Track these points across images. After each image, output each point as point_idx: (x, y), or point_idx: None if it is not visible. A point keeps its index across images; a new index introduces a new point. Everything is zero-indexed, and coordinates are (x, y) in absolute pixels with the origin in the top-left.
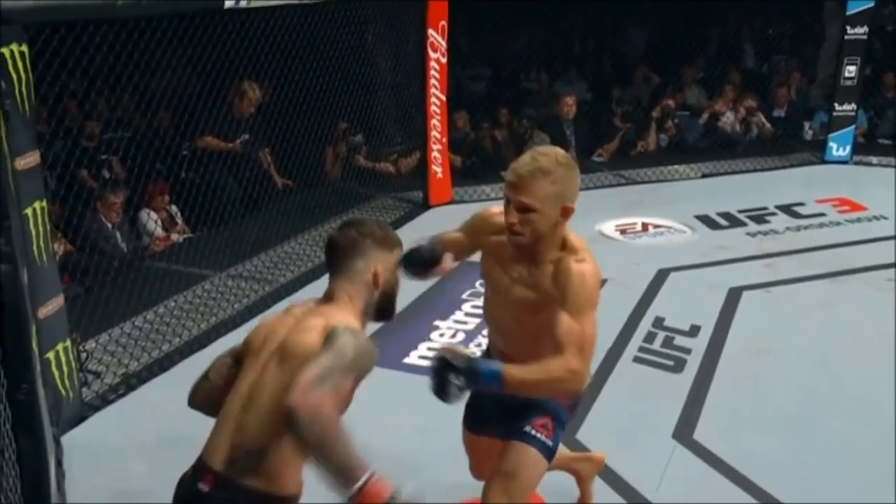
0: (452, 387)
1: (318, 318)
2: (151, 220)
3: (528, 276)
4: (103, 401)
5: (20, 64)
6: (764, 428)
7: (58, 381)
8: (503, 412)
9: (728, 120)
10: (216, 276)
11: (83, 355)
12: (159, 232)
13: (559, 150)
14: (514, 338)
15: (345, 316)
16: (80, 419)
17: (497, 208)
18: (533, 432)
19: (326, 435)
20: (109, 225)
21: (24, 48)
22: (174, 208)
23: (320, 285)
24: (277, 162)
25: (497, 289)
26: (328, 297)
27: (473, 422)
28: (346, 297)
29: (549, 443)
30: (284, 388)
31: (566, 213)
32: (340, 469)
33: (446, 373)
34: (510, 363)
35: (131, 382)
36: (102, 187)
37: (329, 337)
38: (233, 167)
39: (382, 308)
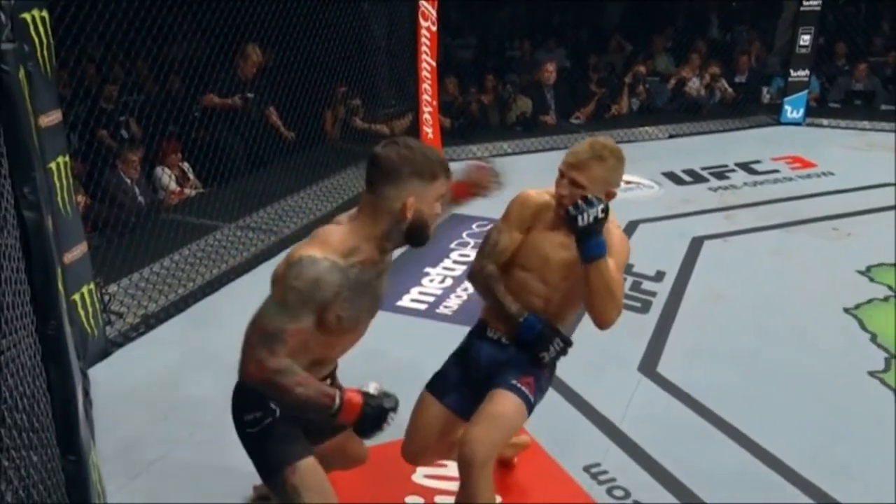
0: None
1: (306, 241)
2: (166, 175)
3: (570, 242)
4: (126, 338)
5: (41, 28)
6: (720, 361)
7: (83, 320)
8: (475, 381)
9: (694, 85)
10: (226, 227)
11: (106, 297)
12: (173, 186)
13: (613, 144)
14: (553, 295)
15: (326, 240)
16: (104, 354)
17: (531, 192)
18: (519, 385)
19: (281, 391)
20: (129, 180)
21: (45, 13)
22: (186, 165)
23: None
24: (284, 118)
25: (542, 255)
26: (357, 210)
27: (438, 387)
28: (368, 217)
29: (532, 399)
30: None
31: (609, 196)
32: (310, 405)
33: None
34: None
35: (150, 322)
36: (121, 146)
37: (280, 275)
38: (239, 126)
39: (412, 236)
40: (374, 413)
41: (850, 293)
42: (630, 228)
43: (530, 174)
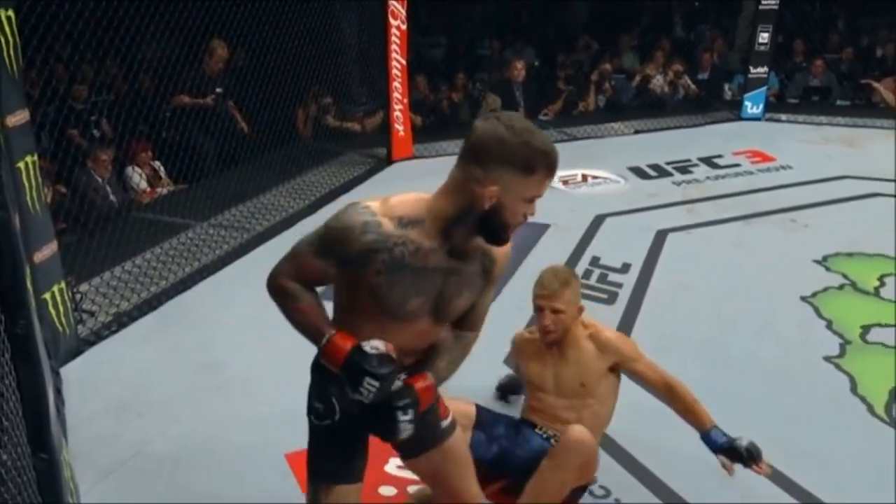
0: None
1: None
2: (136, 174)
3: (566, 359)
4: (98, 336)
5: (7, 28)
6: (683, 350)
7: (55, 318)
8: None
9: (658, 82)
10: (198, 225)
11: (77, 296)
12: (143, 185)
13: (567, 269)
14: (571, 400)
15: (393, 201)
16: (77, 353)
17: (525, 335)
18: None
19: (282, 311)
20: (100, 179)
21: (11, 13)
22: (158, 164)
23: (295, 232)
24: (243, 113)
25: (544, 377)
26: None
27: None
28: (444, 190)
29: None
30: None
31: (580, 310)
32: (303, 332)
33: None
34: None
35: (123, 320)
36: (92, 145)
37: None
38: (209, 126)
39: (489, 230)
40: (351, 366)
41: (807, 282)
42: (597, 222)
43: None
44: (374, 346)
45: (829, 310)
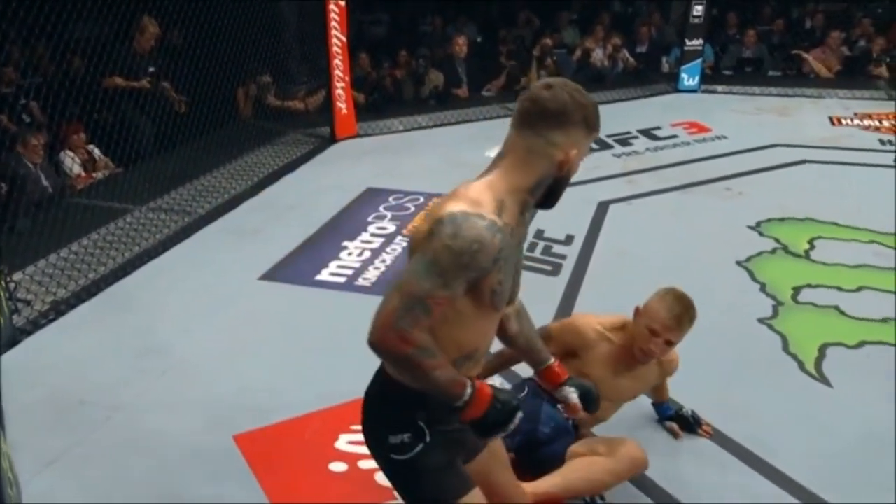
0: None
1: (447, 197)
2: (69, 158)
3: (634, 373)
4: (35, 325)
5: None
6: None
7: None
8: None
9: (598, 56)
10: (137, 210)
11: (11, 285)
12: (77, 170)
13: (691, 300)
14: (606, 403)
15: (474, 196)
16: (13, 343)
17: (597, 328)
18: None
19: (415, 370)
20: (32, 165)
21: None
22: (93, 148)
23: (237, 215)
24: (181, 93)
25: (604, 381)
26: (498, 159)
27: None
28: (518, 163)
29: None
30: None
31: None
32: (437, 390)
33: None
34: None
35: (60, 308)
36: (22, 130)
37: (430, 232)
38: (144, 106)
39: (552, 195)
40: (503, 409)
41: (741, 247)
42: None
43: (444, 146)
44: (500, 382)
45: (762, 273)
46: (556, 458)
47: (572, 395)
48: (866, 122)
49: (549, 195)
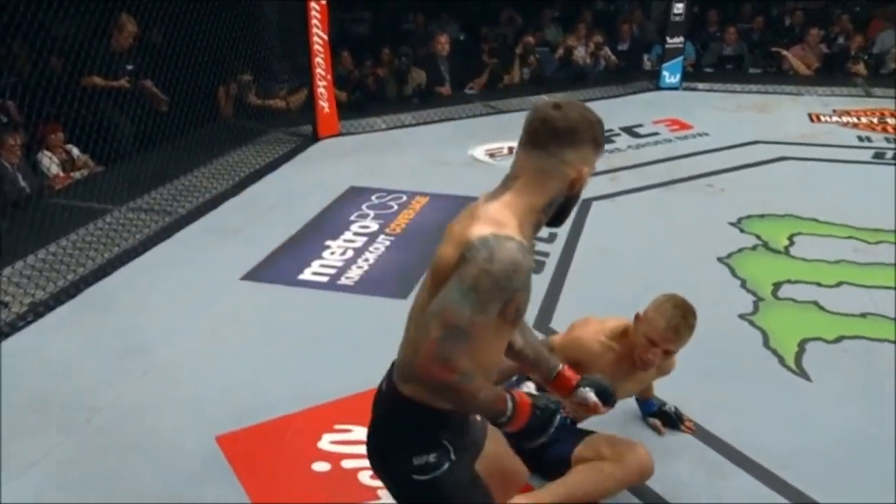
0: None
1: (467, 221)
2: (46, 158)
3: (634, 377)
4: (13, 328)
5: None
6: (606, 312)
7: None
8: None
9: (580, 54)
10: (116, 210)
11: None
12: (55, 170)
13: (692, 307)
14: None
15: (497, 218)
16: None
17: (602, 339)
18: None
19: (461, 396)
20: (9, 166)
21: None
22: (72, 147)
23: (219, 215)
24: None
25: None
26: (511, 180)
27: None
28: (532, 184)
29: None
30: (424, 310)
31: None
32: (481, 411)
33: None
34: None
35: (39, 310)
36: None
37: (461, 259)
38: (123, 106)
39: (562, 213)
40: (543, 416)
41: (723, 244)
42: None
43: (427, 145)
44: (533, 387)
45: (743, 269)
46: (564, 457)
47: (590, 394)
48: (845, 119)
49: (559, 213)
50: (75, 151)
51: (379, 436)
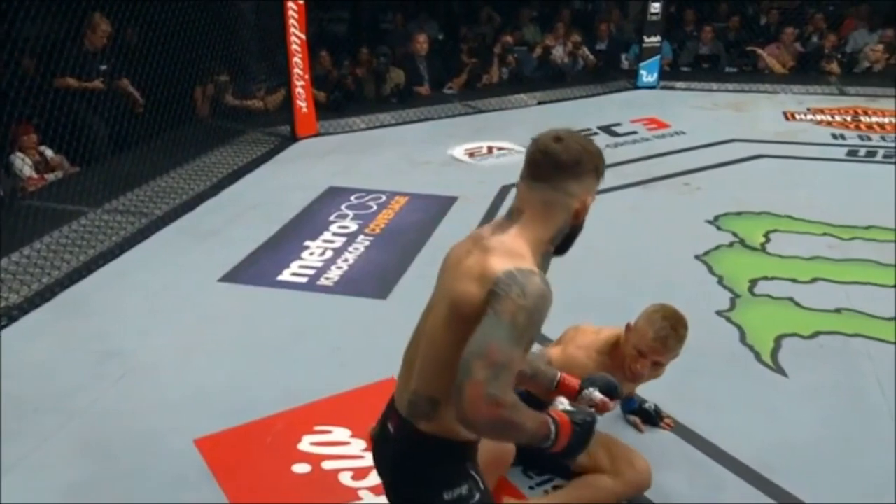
0: None
1: (482, 255)
2: (18, 159)
3: (625, 382)
4: None
5: None
6: (587, 311)
7: None
8: None
9: (558, 53)
10: (92, 212)
11: None
12: (28, 172)
13: (679, 313)
14: None
15: (513, 250)
16: None
17: (594, 354)
18: None
19: (513, 429)
20: None
21: None
22: (45, 149)
23: (196, 216)
24: (148, 97)
25: None
26: (515, 214)
27: None
28: (538, 217)
29: None
30: (451, 345)
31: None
32: (529, 441)
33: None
34: None
35: (13, 314)
36: None
37: (492, 295)
38: (98, 106)
39: (568, 243)
40: (582, 431)
41: (700, 241)
42: (503, 193)
43: (406, 145)
44: (568, 403)
45: (720, 266)
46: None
47: (595, 393)
48: (819, 117)
49: (565, 242)
50: (49, 153)
51: (401, 475)
